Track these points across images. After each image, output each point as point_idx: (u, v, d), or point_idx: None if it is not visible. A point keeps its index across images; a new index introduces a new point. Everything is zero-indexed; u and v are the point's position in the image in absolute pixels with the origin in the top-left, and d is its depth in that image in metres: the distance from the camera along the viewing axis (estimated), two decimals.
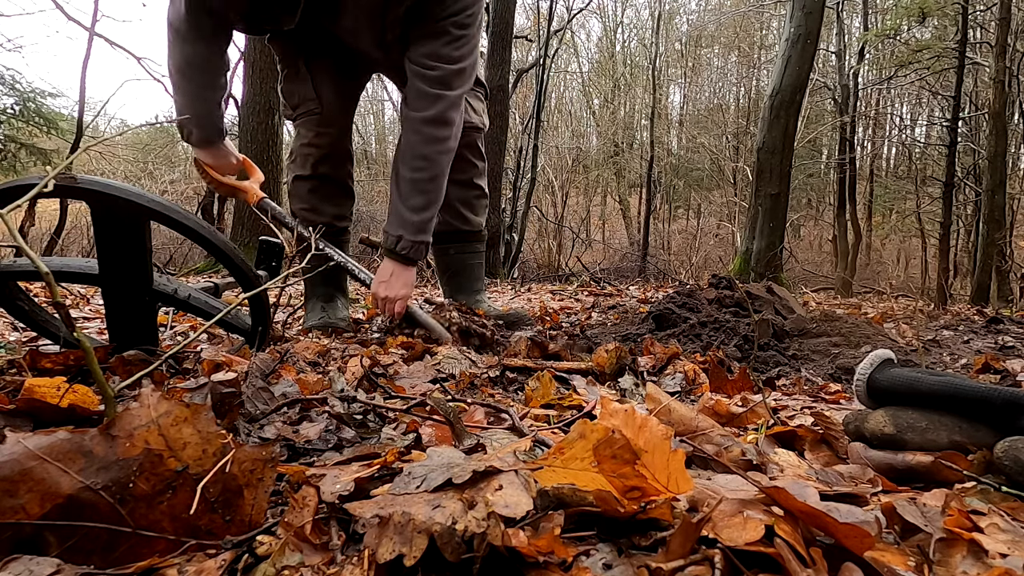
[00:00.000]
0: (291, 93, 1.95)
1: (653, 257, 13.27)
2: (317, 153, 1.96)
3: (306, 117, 1.95)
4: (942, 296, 7.05)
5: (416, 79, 1.69)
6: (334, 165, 2.00)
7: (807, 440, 0.82)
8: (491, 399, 1.08)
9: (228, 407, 0.78)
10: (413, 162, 1.71)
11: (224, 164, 1.82)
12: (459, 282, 2.24)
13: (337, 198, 2.05)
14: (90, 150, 11.62)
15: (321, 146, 1.96)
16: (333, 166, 2.00)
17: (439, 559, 0.44)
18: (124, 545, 0.47)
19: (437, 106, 1.68)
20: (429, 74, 1.67)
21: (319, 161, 1.97)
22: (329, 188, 2.02)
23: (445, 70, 1.67)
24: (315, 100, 1.91)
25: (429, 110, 1.68)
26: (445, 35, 1.65)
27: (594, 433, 0.53)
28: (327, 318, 1.97)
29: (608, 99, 18.81)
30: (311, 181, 1.99)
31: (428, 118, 1.69)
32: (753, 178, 7.93)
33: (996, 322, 2.59)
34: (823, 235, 16.83)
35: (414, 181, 1.71)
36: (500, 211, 8.90)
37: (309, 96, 1.91)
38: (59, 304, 0.53)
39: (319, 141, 1.95)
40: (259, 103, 7.13)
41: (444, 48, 1.65)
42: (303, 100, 1.93)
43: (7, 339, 1.57)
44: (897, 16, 10.45)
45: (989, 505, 0.58)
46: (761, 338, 1.72)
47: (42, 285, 2.89)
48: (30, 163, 8.18)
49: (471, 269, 2.24)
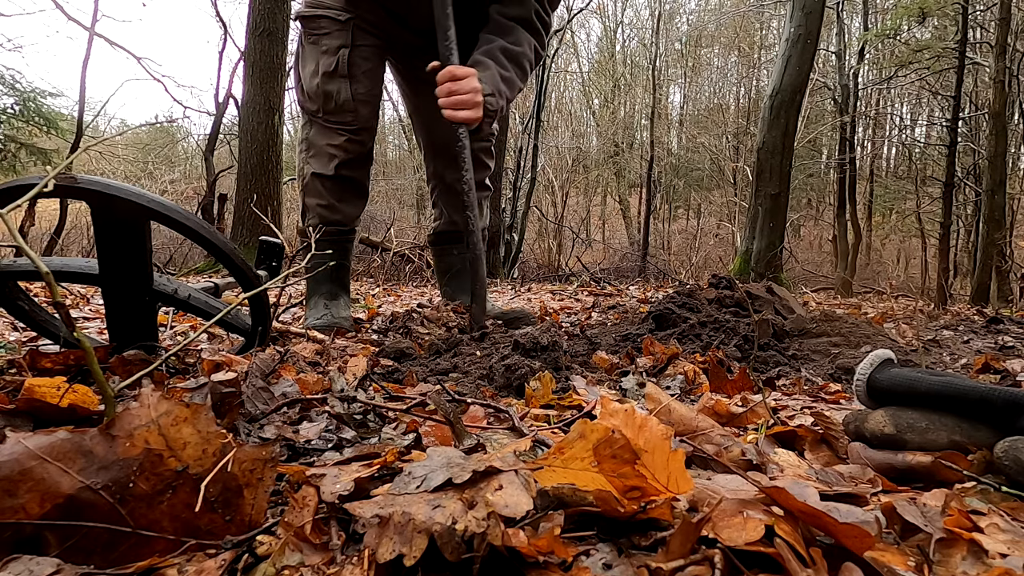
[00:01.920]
0: (328, 95, 1.88)
1: (653, 257, 13.27)
2: (344, 156, 1.94)
3: (339, 124, 1.91)
4: (942, 296, 7.05)
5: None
6: (357, 168, 2.00)
7: (807, 440, 0.82)
8: (491, 399, 1.08)
9: (228, 407, 0.78)
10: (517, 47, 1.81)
11: None
12: (460, 283, 2.24)
13: (354, 198, 2.06)
14: (90, 150, 11.63)
15: (350, 151, 1.94)
16: (356, 169, 2.00)
17: (439, 559, 0.44)
18: (124, 545, 0.47)
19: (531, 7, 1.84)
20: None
21: (344, 164, 1.95)
22: (348, 188, 2.02)
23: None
24: (353, 113, 1.89)
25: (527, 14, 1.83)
26: None
27: (594, 433, 0.53)
28: (330, 317, 1.96)
29: (608, 99, 18.81)
30: (331, 181, 1.97)
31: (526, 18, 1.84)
32: (753, 178, 7.93)
33: (996, 322, 2.59)
34: (823, 235, 16.82)
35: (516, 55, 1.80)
36: (500, 211, 8.90)
37: (348, 108, 1.88)
38: (59, 304, 0.53)
39: (349, 147, 1.93)
40: (259, 103, 7.13)
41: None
42: (341, 106, 1.88)
43: (7, 339, 1.57)
44: (897, 16, 10.45)
45: (989, 505, 0.58)
46: (761, 338, 1.72)
47: (42, 285, 2.89)
48: (30, 163, 8.18)
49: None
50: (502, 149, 8.65)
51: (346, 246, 2.06)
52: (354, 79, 1.87)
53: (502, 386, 1.20)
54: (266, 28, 7.12)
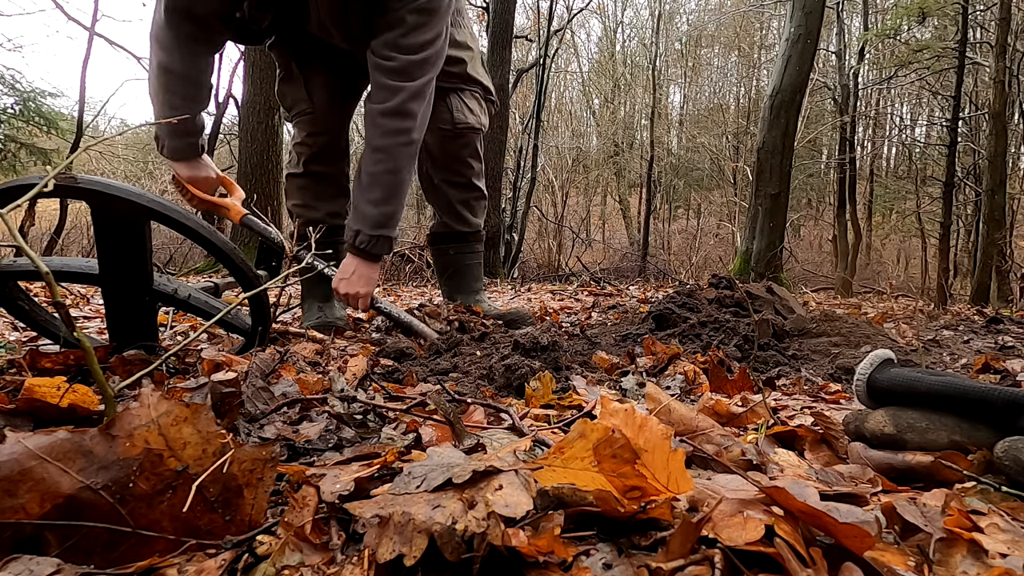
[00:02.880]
0: (284, 95, 1.99)
1: (653, 257, 13.27)
2: (308, 152, 1.99)
3: (300, 118, 1.98)
4: (942, 296, 7.05)
5: (376, 71, 1.66)
6: (327, 162, 2.02)
7: (807, 440, 0.82)
8: (491, 399, 1.08)
9: (228, 407, 0.78)
10: (372, 155, 1.67)
11: (202, 180, 1.79)
12: (458, 282, 2.24)
13: (331, 195, 2.07)
14: (90, 150, 11.62)
15: (313, 144, 1.98)
16: (326, 163, 2.02)
17: (439, 559, 0.44)
18: (124, 545, 0.47)
19: (397, 97, 1.63)
20: (387, 64, 1.63)
21: (310, 159, 2.00)
22: (322, 185, 2.04)
23: (404, 60, 1.62)
24: (307, 101, 1.94)
25: (388, 101, 1.64)
26: (402, 24, 1.60)
27: (594, 432, 0.53)
28: (324, 317, 1.97)
29: (608, 99, 18.80)
30: (303, 178, 2.03)
31: (387, 110, 1.64)
32: (753, 178, 7.93)
33: (996, 322, 2.59)
34: (823, 235, 16.81)
35: (372, 174, 1.67)
36: (500, 211, 8.90)
37: (301, 97, 1.95)
38: (59, 304, 0.53)
39: (311, 140, 1.98)
40: (259, 103, 7.13)
41: (403, 38, 1.61)
42: (295, 101, 1.96)
43: (7, 339, 1.57)
44: (897, 16, 10.45)
45: (989, 505, 0.58)
46: (761, 338, 1.72)
47: (42, 285, 2.89)
48: (30, 163, 8.18)
49: (470, 269, 2.24)
50: (502, 149, 8.64)
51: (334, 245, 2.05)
52: (306, 77, 1.93)
53: (502, 386, 1.20)
54: None
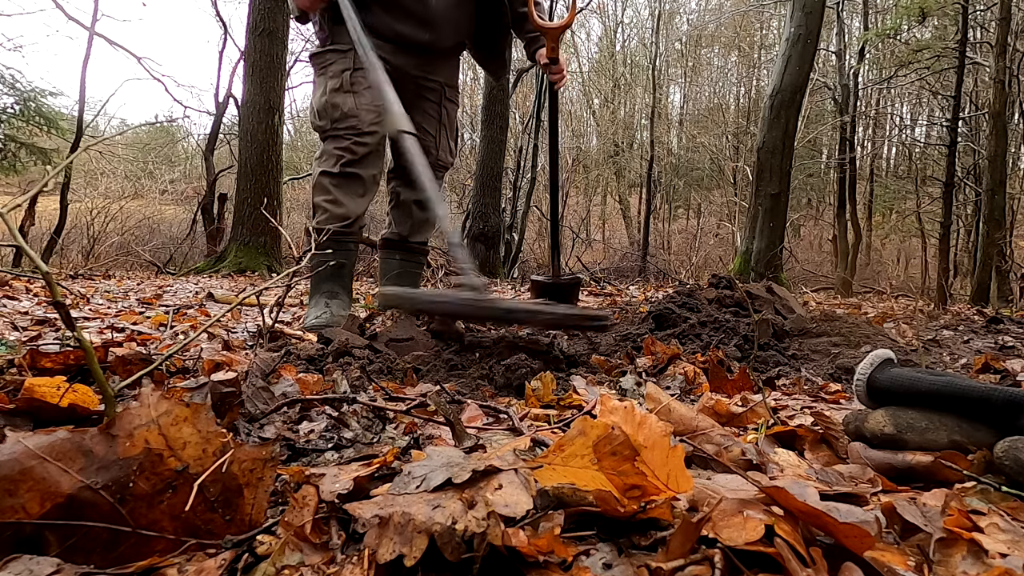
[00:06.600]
0: (333, 107, 2.05)
1: (653, 257, 13.26)
2: (349, 157, 2.05)
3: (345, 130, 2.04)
4: (942, 296, 7.05)
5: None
6: (363, 165, 2.09)
7: (807, 440, 0.82)
8: (490, 399, 1.08)
9: (228, 407, 0.78)
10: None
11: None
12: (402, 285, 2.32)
13: (359, 194, 2.12)
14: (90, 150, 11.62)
15: (356, 152, 2.05)
16: (362, 166, 2.09)
17: (439, 559, 0.44)
18: (124, 544, 0.47)
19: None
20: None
21: (348, 163, 2.06)
22: (353, 184, 2.09)
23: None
24: (356, 118, 2.03)
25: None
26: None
27: (594, 429, 0.53)
28: (329, 315, 1.98)
29: (608, 99, 18.79)
30: (338, 177, 2.07)
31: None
32: (753, 178, 7.93)
33: (996, 322, 2.59)
34: (823, 235, 16.80)
35: None
36: (500, 211, 8.89)
37: (352, 114, 2.03)
38: (59, 304, 0.53)
39: (355, 148, 2.05)
40: (259, 103, 7.12)
41: None
42: (344, 116, 2.04)
43: (7, 338, 1.57)
44: (897, 16, 10.44)
45: (989, 505, 0.58)
46: (761, 338, 1.72)
47: (42, 285, 2.89)
48: (30, 163, 8.18)
49: (413, 277, 2.43)
50: (502, 149, 8.64)
51: (349, 245, 2.11)
52: (356, 93, 2.03)
53: (502, 386, 1.20)
54: (266, 28, 7.11)
